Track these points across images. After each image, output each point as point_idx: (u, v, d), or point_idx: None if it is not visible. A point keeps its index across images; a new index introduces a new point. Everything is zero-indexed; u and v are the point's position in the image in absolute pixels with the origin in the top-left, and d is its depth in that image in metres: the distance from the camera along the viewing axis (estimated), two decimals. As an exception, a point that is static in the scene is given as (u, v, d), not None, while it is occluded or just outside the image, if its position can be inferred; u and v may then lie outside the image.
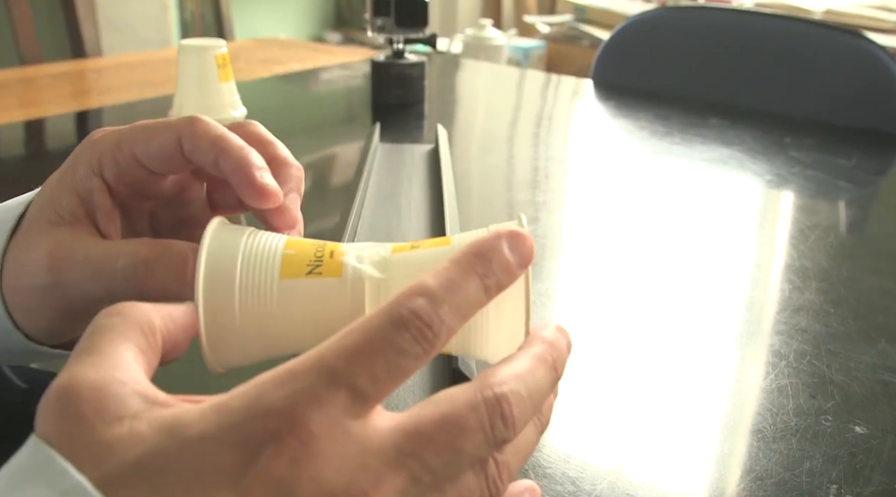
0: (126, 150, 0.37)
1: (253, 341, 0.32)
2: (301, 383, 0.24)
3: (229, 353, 0.32)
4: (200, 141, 0.36)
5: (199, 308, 0.31)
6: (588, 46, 3.28)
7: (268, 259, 0.32)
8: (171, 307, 0.30)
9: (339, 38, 3.95)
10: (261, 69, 1.37)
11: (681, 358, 0.51)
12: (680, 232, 0.72)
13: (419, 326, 0.25)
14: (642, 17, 1.37)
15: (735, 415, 0.45)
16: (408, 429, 0.24)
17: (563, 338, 0.30)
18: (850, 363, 0.50)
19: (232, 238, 0.32)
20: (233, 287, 0.31)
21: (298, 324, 0.32)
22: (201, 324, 0.31)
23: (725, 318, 0.56)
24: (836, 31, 1.19)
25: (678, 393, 0.47)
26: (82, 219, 0.37)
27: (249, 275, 0.31)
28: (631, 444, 0.42)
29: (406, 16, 1.06)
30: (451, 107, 1.20)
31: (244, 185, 0.35)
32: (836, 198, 0.83)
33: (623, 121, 1.13)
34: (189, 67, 0.71)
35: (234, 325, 0.31)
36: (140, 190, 0.39)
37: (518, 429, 0.26)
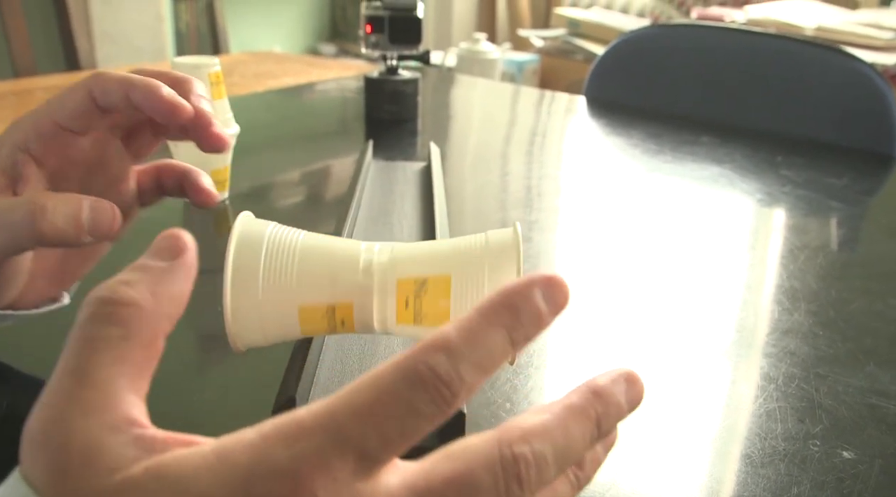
0: (46, 120, 0.41)
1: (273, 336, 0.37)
2: (308, 443, 0.22)
3: (250, 335, 0.37)
4: (108, 84, 0.40)
5: (226, 292, 0.36)
6: (582, 60, 3.30)
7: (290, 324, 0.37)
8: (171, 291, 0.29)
9: (334, 50, 3.96)
10: (255, 83, 1.37)
11: (670, 379, 0.51)
12: (671, 252, 0.72)
13: (437, 385, 0.23)
14: (636, 34, 1.38)
15: (724, 438, 0.45)
16: (418, 488, 0.23)
17: (620, 389, 0.28)
18: (839, 386, 0.51)
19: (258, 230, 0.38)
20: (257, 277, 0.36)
21: None
22: (228, 306, 0.36)
23: (715, 340, 0.56)
24: (827, 51, 1.20)
25: (667, 415, 0.47)
26: (4, 190, 0.40)
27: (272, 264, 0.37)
28: (619, 467, 0.42)
29: (400, 33, 1.07)
30: (444, 123, 1.20)
31: (155, 105, 0.40)
32: (827, 217, 0.84)
33: (616, 138, 1.13)
34: (183, 85, 0.72)
35: (257, 310, 0.36)
36: (65, 155, 0.42)
37: (535, 492, 0.24)
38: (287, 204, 0.82)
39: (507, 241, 0.37)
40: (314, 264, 0.37)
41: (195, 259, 0.30)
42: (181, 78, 0.43)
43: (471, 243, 0.37)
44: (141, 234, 0.70)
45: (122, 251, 0.67)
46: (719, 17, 2.70)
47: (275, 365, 0.48)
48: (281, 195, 0.84)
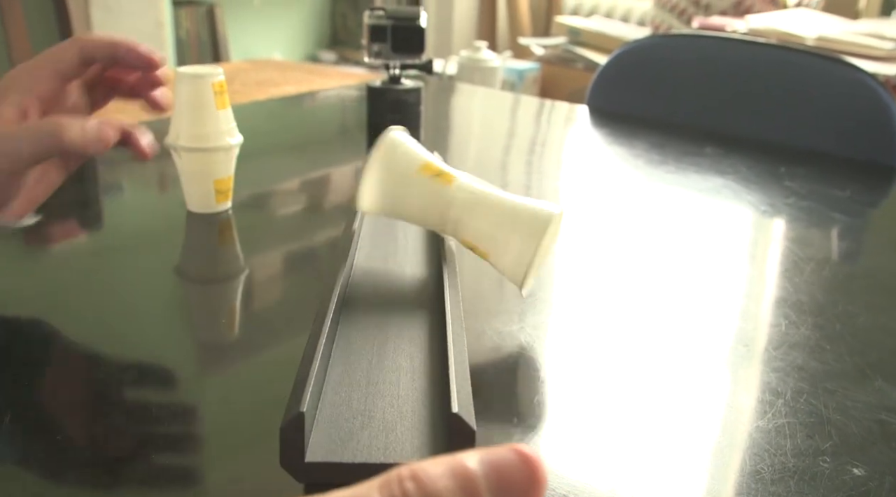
0: (47, 69, 0.56)
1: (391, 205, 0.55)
2: None
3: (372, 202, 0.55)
4: (97, 41, 0.57)
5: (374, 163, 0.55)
6: (582, 69, 3.30)
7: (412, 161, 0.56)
8: None
9: (334, 57, 3.96)
10: (256, 91, 1.37)
11: (677, 393, 0.51)
12: (675, 264, 0.72)
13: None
14: (638, 44, 1.38)
15: (733, 455, 0.45)
16: None
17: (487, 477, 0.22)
18: (847, 402, 0.50)
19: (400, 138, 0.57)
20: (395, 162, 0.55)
21: None
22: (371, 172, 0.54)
23: (722, 355, 0.56)
24: (830, 61, 1.20)
25: (675, 429, 0.47)
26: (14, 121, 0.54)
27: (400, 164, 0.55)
28: (625, 482, 0.42)
29: (403, 42, 1.06)
30: (445, 132, 1.20)
31: (137, 57, 0.58)
32: (831, 229, 0.83)
33: (618, 148, 1.13)
34: (186, 95, 0.71)
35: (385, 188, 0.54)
36: (55, 97, 0.57)
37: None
38: (290, 213, 0.82)
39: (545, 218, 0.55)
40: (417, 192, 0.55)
41: None
42: None
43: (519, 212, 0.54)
44: (146, 238, 0.70)
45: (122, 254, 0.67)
46: (720, 26, 2.70)
47: (279, 382, 0.48)
48: (284, 204, 0.84)
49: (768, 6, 2.88)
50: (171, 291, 0.64)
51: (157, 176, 0.91)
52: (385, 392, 0.41)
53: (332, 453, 0.35)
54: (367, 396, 0.40)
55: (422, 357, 0.45)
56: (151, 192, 0.87)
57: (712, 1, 2.97)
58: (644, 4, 3.55)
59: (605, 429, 0.47)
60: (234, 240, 0.74)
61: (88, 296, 0.61)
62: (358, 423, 0.37)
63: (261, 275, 0.67)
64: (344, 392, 0.40)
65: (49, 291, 0.61)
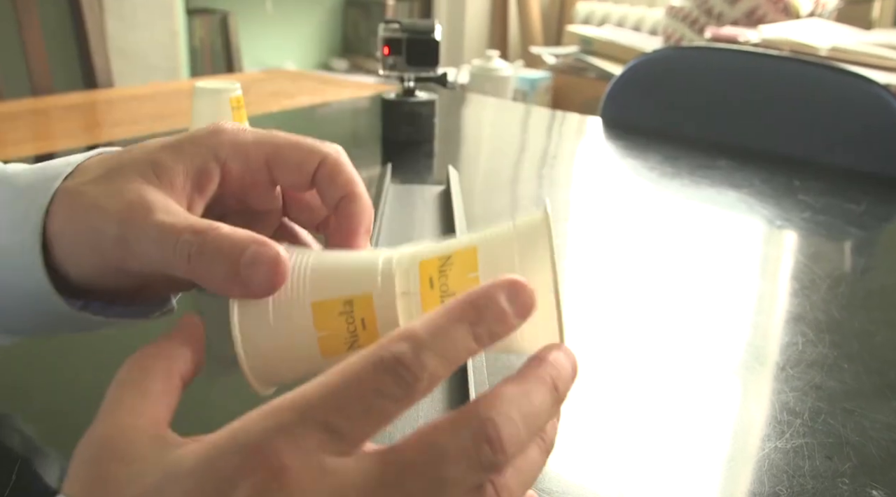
0: (261, 151, 0.37)
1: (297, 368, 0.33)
2: (277, 420, 0.25)
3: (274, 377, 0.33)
4: (341, 173, 0.37)
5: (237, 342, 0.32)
6: (594, 78, 3.30)
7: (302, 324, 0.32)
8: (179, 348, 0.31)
9: (346, 65, 3.97)
10: (270, 102, 1.38)
11: (692, 412, 0.50)
12: (690, 280, 0.72)
13: (398, 370, 0.25)
14: (651, 56, 1.38)
15: (751, 476, 0.45)
16: (387, 459, 0.25)
17: (566, 358, 0.30)
18: (866, 422, 0.50)
19: None
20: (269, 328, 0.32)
21: None
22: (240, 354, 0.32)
23: (739, 373, 0.56)
24: (844, 74, 1.20)
25: (690, 450, 0.47)
26: (179, 192, 0.35)
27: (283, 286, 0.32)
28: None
29: (417, 55, 1.07)
30: (458, 144, 1.20)
31: (349, 234, 0.37)
32: (846, 245, 0.83)
33: (632, 161, 1.13)
34: (204, 109, 0.72)
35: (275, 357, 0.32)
36: (242, 193, 0.38)
37: (509, 452, 0.26)
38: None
39: (536, 221, 0.33)
40: (327, 269, 0.33)
41: None
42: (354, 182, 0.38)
43: (497, 228, 0.33)
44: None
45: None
46: (733, 36, 2.70)
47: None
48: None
49: (781, 16, 2.87)
50: (186, 300, 0.64)
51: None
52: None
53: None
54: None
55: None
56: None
57: (725, 11, 2.97)
58: (656, 14, 3.55)
59: (617, 448, 0.47)
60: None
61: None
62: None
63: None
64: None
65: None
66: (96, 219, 0.33)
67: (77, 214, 0.34)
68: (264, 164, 0.37)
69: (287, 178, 0.37)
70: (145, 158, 0.35)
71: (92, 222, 0.34)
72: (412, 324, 0.27)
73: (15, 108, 1.27)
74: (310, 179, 0.37)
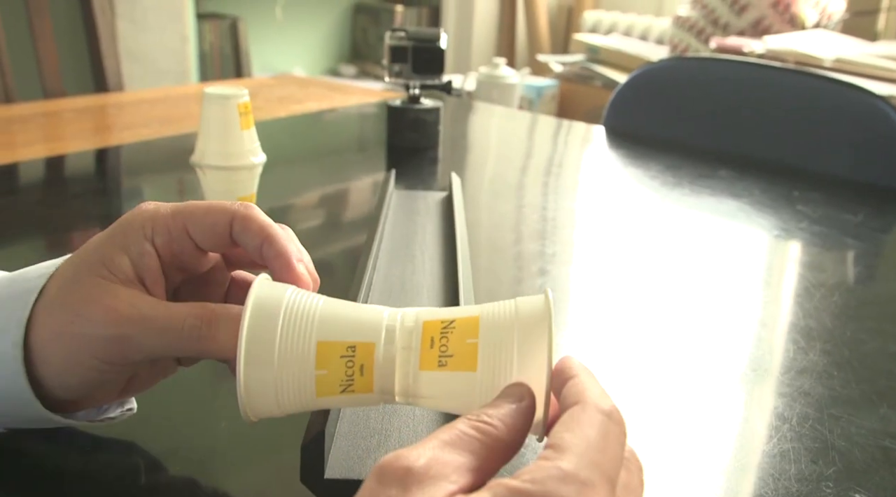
0: (180, 222, 0.40)
1: (287, 403, 0.35)
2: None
3: (264, 407, 0.35)
4: (251, 224, 0.40)
5: (240, 365, 0.34)
6: (601, 86, 3.32)
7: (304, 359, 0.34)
8: None
9: (354, 71, 4.00)
10: (278, 108, 1.39)
11: (684, 416, 0.52)
12: (687, 287, 0.73)
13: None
14: (655, 66, 1.39)
15: (738, 479, 0.46)
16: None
17: None
18: (852, 428, 0.51)
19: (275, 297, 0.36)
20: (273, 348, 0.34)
21: None
22: (241, 379, 0.34)
23: (730, 379, 0.57)
24: (845, 86, 1.21)
25: (680, 452, 0.48)
26: (134, 280, 0.39)
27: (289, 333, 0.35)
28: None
29: (423, 63, 1.08)
30: (462, 151, 1.22)
31: (284, 270, 0.39)
32: (842, 255, 0.85)
33: (634, 169, 1.14)
34: (212, 115, 0.73)
35: (271, 387, 0.34)
36: (179, 263, 0.42)
37: None
38: (310, 229, 0.83)
39: (538, 306, 0.34)
40: (335, 314, 0.35)
41: None
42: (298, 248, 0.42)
43: (500, 305, 0.35)
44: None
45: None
46: (738, 46, 2.71)
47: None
48: (304, 220, 0.86)
49: (787, 27, 2.89)
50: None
51: (181, 192, 0.93)
52: (401, 411, 0.42)
53: (350, 470, 0.37)
54: (384, 415, 0.42)
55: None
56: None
57: (731, 21, 2.98)
58: (663, 23, 3.56)
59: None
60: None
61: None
62: (375, 441, 0.39)
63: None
64: (362, 410, 0.42)
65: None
66: (84, 326, 0.37)
67: (62, 326, 0.38)
68: (184, 232, 0.40)
69: (207, 241, 0.41)
70: (96, 259, 0.39)
71: (80, 329, 0.38)
72: None
73: (27, 110, 1.29)
74: (228, 238, 0.41)
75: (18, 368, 0.38)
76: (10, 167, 1.00)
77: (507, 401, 0.32)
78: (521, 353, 0.33)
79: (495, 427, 0.30)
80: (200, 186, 0.77)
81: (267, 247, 0.40)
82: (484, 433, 0.30)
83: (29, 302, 0.39)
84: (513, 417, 0.31)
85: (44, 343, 0.38)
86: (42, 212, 0.86)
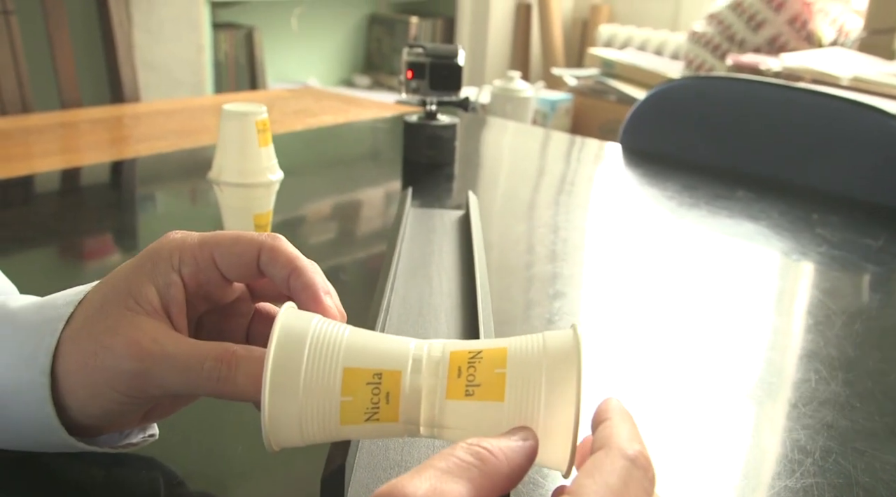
0: (207, 252, 0.40)
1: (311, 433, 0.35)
2: None
3: (287, 436, 0.35)
4: (279, 256, 0.40)
5: (265, 394, 0.34)
6: (615, 101, 3.31)
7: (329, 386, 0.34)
8: None
9: (368, 81, 4.01)
10: (294, 121, 1.39)
11: (705, 448, 0.51)
12: (704, 312, 0.72)
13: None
14: (672, 85, 1.39)
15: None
16: None
17: None
18: (876, 463, 0.50)
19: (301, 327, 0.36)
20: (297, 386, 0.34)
21: None
22: (266, 408, 0.34)
23: (751, 409, 0.56)
24: (864, 109, 1.20)
25: (701, 486, 0.47)
26: (160, 311, 0.39)
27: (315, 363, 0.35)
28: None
29: (440, 79, 1.08)
30: (477, 167, 1.22)
31: (311, 301, 0.39)
32: (863, 281, 0.84)
33: (651, 189, 1.14)
34: (230, 132, 0.73)
35: (295, 416, 0.34)
36: (204, 293, 0.42)
37: None
38: (326, 243, 0.83)
39: (567, 342, 0.34)
40: (363, 342, 0.36)
41: None
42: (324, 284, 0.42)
43: (527, 338, 0.35)
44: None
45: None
46: (754, 64, 2.71)
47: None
48: (319, 235, 0.86)
49: (804, 44, 2.88)
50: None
51: (199, 209, 0.93)
52: (419, 442, 0.42)
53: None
54: (403, 446, 0.41)
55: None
56: (193, 224, 0.89)
57: (747, 37, 2.98)
58: (678, 38, 3.56)
59: (634, 482, 0.47)
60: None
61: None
62: (394, 473, 0.39)
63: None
64: (381, 441, 0.41)
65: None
66: (106, 358, 0.37)
67: (86, 358, 0.38)
68: (211, 262, 0.40)
69: (234, 271, 0.41)
70: (124, 289, 0.39)
71: (103, 362, 0.38)
72: None
73: (44, 120, 1.30)
74: (255, 268, 0.41)
75: (46, 396, 0.38)
76: (26, 179, 1.00)
77: (511, 436, 0.32)
78: (549, 389, 0.33)
79: (495, 456, 0.30)
80: (217, 202, 0.77)
81: (294, 278, 0.40)
82: (483, 461, 0.29)
83: (57, 330, 0.38)
84: (514, 452, 0.31)
85: (69, 373, 0.38)
86: (58, 224, 0.86)
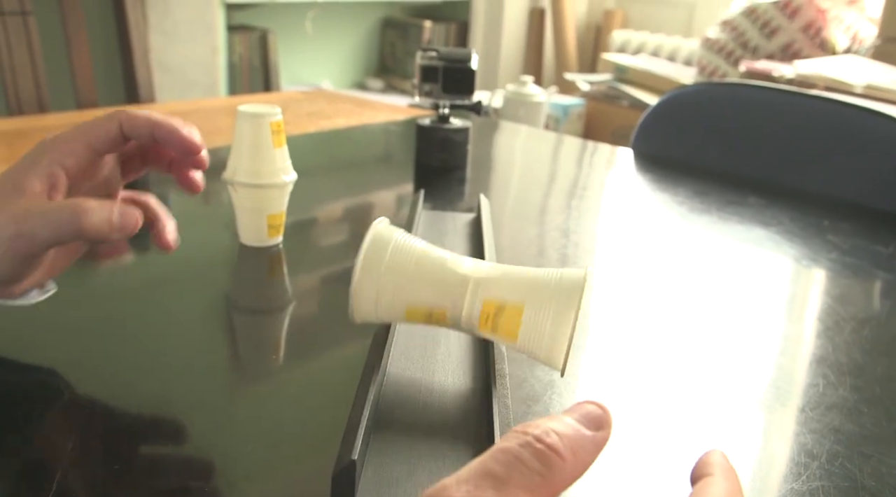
0: (81, 143, 0.53)
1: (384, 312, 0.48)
2: None
3: (365, 310, 0.48)
4: (137, 120, 0.53)
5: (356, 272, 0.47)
6: (627, 106, 3.31)
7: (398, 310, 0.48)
8: None
9: (381, 85, 4.02)
10: (307, 123, 1.40)
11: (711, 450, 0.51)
12: (713, 317, 0.73)
13: None
14: (684, 90, 1.39)
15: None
16: None
17: None
18: (883, 468, 0.51)
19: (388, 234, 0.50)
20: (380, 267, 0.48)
21: None
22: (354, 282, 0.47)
23: (759, 413, 0.57)
24: (876, 116, 1.20)
25: (710, 490, 0.47)
26: (41, 194, 0.51)
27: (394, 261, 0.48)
28: (662, 542, 0.43)
29: (453, 83, 1.09)
30: (489, 171, 1.22)
31: (178, 142, 0.54)
32: (873, 287, 0.84)
33: (662, 195, 1.14)
34: (245, 133, 0.74)
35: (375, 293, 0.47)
36: (86, 171, 0.54)
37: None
38: (339, 245, 0.84)
39: (575, 282, 0.45)
40: (424, 272, 0.47)
41: None
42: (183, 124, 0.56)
43: (546, 278, 0.46)
44: (198, 269, 0.72)
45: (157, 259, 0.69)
46: (767, 71, 2.70)
47: (325, 413, 0.50)
48: (333, 237, 0.86)
49: (817, 52, 2.87)
50: (220, 321, 0.66)
51: (213, 209, 0.93)
52: (429, 440, 0.42)
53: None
54: (413, 442, 0.42)
55: (466, 407, 0.46)
56: (206, 224, 0.90)
57: (760, 44, 2.97)
58: (692, 44, 3.56)
59: (640, 484, 0.48)
60: (284, 273, 0.76)
61: (139, 322, 0.63)
62: (404, 470, 0.39)
63: (308, 307, 0.69)
64: (391, 438, 0.42)
65: (100, 317, 0.64)
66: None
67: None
68: (86, 146, 0.53)
69: (104, 146, 0.53)
70: (10, 183, 0.51)
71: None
72: None
73: (60, 120, 1.31)
74: (121, 138, 0.53)
75: None
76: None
77: (586, 422, 0.31)
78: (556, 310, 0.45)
79: (564, 460, 0.28)
80: (231, 202, 0.78)
81: (157, 130, 0.53)
82: (550, 467, 0.27)
83: None
84: (586, 452, 0.29)
85: None
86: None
